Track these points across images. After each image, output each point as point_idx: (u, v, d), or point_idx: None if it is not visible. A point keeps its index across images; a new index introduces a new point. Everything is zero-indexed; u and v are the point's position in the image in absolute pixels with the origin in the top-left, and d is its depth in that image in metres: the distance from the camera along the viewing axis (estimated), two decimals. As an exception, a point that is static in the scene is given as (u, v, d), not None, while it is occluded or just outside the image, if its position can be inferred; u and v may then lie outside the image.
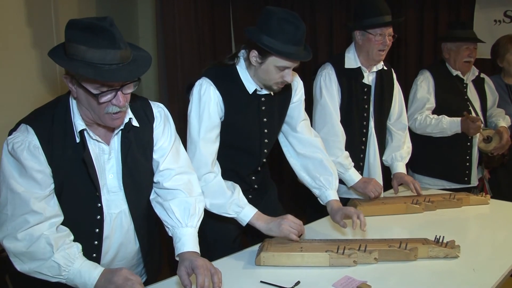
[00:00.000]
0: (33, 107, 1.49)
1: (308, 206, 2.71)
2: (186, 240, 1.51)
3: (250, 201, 2.08)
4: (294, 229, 1.79)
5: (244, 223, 1.84)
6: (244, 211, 1.84)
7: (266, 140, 2.01)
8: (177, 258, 1.51)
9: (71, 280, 1.35)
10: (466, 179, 2.81)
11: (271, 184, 2.28)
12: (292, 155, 2.15)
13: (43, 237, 1.33)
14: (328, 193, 2.04)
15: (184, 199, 1.58)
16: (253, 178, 2.08)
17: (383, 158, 2.61)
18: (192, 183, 1.64)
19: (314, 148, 2.10)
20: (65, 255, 1.34)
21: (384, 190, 2.56)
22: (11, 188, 1.35)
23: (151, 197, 1.64)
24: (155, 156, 1.60)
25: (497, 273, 1.61)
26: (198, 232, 1.58)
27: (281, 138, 2.17)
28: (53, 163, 1.39)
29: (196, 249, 1.51)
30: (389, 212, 2.25)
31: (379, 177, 2.50)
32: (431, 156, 2.69)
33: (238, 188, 1.87)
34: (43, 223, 1.35)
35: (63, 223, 1.43)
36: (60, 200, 1.43)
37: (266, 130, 1.99)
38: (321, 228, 2.13)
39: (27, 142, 1.37)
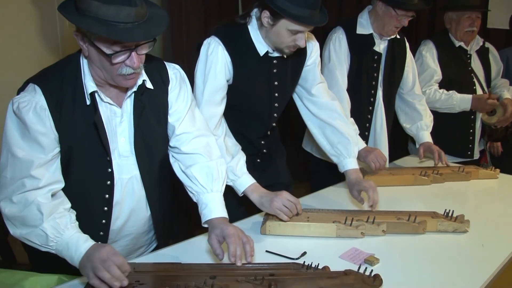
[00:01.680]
0: (31, 67, 1.41)
1: (314, 174, 2.68)
2: (213, 206, 1.46)
3: (259, 165, 2.04)
4: (287, 207, 1.67)
5: (239, 193, 1.77)
6: (240, 180, 1.76)
7: (276, 104, 1.93)
8: (204, 225, 1.47)
9: (59, 251, 1.27)
10: (469, 153, 2.76)
11: (280, 148, 2.21)
12: (309, 118, 2.06)
13: (35, 203, 1.27)
14: (346, 161, 1.97)
15: (205, 164, 1.52)
16: (262, 142, 2.02)
17: (408, 127, 2.55)
18: (211, 145, 1.57)
19: (331, 112, 2.01)
20: (54, 224, 1.27)
21: (390, 161, 2.53)
22: (12, 151, 1.29)
23: (171, 160, 1.58)
24: (170, 120, 1.53)
25: (507, 249, 1.57)
26: None
27: (298, 102, 2.08)
28: (61, 127, 1.32)
29: (224, 214, 1.46)
30: (397, 183, 2.21)
31: (385, 148, 2.45)
32: (434, 130, 2.62)
33: (240, 156, 1.79)
34: (40, 189, 1.29)
35: (72, 188, 1.37)
36: (69, 165, 1.37)
37: (276, 94, 1.91)
38: (327, 197, 2.09)
39: (34, 102, 1.29)
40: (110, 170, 1.42)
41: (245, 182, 1.76)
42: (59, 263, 1.31)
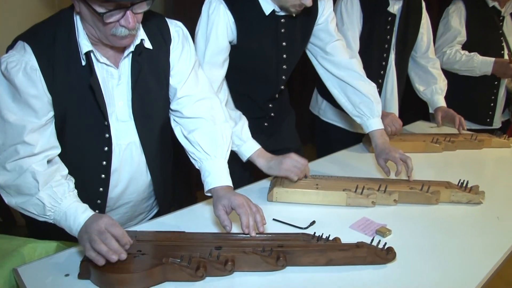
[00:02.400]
0: (25, 23, 1.28)
1: (319, 137, 2.59)
2: (217, 173, 1.37)
3: (266, 129, 1.95)
4: (297, 169, 1.62)
5: (244, 159, 1.68)
6: (245, 145, 1.67)
7: (284, 66, 1.82)
8: (207, 194, 1.38)
9: (57, 221, 1.19)
10: (488, 120, 2.65)
11: (289, 111, 2.11)
12: (328, 78, 1.94)
13: (30, 171, 1.17)
14: (370, 122, 1.87)
15: (208, 128, 1.42)
16: (270, 105, 1.92)
17: (421, 90, 2.44)
18: (215, 109, 1.47)
19: (350, 72, 1.88)
20: (51, 193, 1.18)
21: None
22: (3, 115, 1.18)
23: (173, 124, 1.48)
24: (172, 81, 1.42)
25: (523, 222, 1.51)
26: None
27: (313, 60, 1.95)
28: (54, 89, 1.22)
29: (229, 183, 1.37)
30: (407, 150, 2.10)
31: (395, 113, 2.35)
32: (453, 93, 2.50)
33: (243, 121, 1.69)
34: (35, 156, 1.20)
35: (66, 155, 1.28)
36: (63, 130, 1.27)
37: (285, 56, 1.79)
38: (335, 162, 2.00)
39: (24, 62, 1.17)
40: (107, 135, 1.32)
41: (251, 147, 1.67)
42: (58, 229, 1.23)
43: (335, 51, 1.88)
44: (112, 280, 1.08)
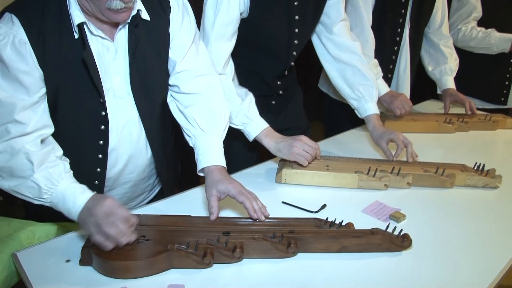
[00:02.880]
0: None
1: (328, 116, 2.51)
2: (212, 152, 1.30)
3: (274, 107, 1.86)
4: (308, 153, 1.54)
5: (250, 138, 1.60)
6: (252, 123, 1.57)
7: (296, 41, 1.72)
8: (200, 174, 1.31)
9: (54, 204, 1.12)
10: (502, 99, 2.55)
11: (297, 89, 2.02)
12: (327, 59, 1.85)
13: (23, 151, 1.10)
14: (368, 106, 1.79)
15: (206, 105, 1.34)
16: (278, 83, 1.83)
17: (430, 70, 2.34)
18: (214, 86, 1.39)
19: (352, 54, 1.80)
20: (47, 175, 1.10)
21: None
22: None
23: (168, 99, 1.40)
24: (171, 54, 1.33)
25: (541, 208, 1.45)
26: None
27: (315, 40, 1.86)
28: (46, 64, 1.13)
29: (223, 163, 1.30)
30: (419, 130, 2.05)
31: (407, 92, 2.25)
32: (466, 71, 2.40)
33: (250, 97, 1.60)
34: (28, 135, 1.12)
35: (60, 135, 1.21)
36: (56, 108, 1.19)
37: (296, 30, 1.70)
38: (344, 142, 1.93)
39: (12, 35, 1.09)
40: (104, 113, 1.24)
41: (258, 126, 1.59)
42: (57, 212, 1.18)
43: (340, 32, 1.79)
44: (115, 267, 1.03)
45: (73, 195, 1.10)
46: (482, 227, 1.31)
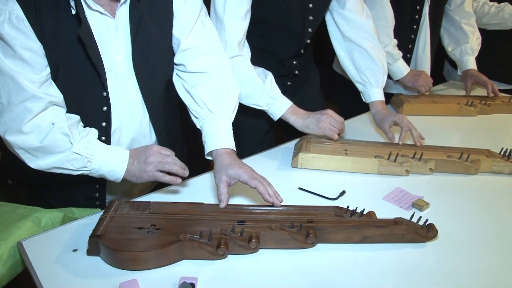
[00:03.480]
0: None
1: (342, 97, 2.42)
2: (221, 134, 1.22)
3: (289, 88, 1.78)
4: (335, 127, 1.51)
5: (276, 117, 1.54)
6: (277, 102, 1.52)
7: (310, 17, 1.62)
8: (208, 157, 1.24)
9: (96, 170, 1.13)
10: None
11: (313, 69, 1.93)
12: (337, 37, 1.75)
13: (57, 127, 1.07)
14: (373, 91, 1.70)
15: (214, 84, 1.26)
16: (294, 62, 1.74)
17: (450, 51, 2.23)
18: (223, 65, 1.30)
19: (363, 33, 1.69)
20: (85, 143, 1.10)
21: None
22: (1, 70, 1.03)
23: (174, 79, 1.32)
24: (175, 31, 1.24)
25: None
26: None
27: (327, 15, 1.75)
28: (44, 42, 1.05)
29: (233, 146, 1.22)
30: (440, 112, 1.95)
31: (427, 72, 2.16)
32: (481, 51, 2.28)
33: (270, 76, 1.53)
34: (48, 109, 1.07)
35: None
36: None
37: (311, 5, 1.59)
38: (361, 125, 1.84)
39: (7, 12, 1.00)
40: (105, 94, 1.16)
41: (283, 104, 1.53)
42: (61, 197, 1.12)
43: (353, 7, 1.68)
44: (123, 258, 0.96)
45: (115, 155, 1.14)
46: (510, 216, 1.23)
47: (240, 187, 1.23)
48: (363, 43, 1.70)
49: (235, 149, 1.23)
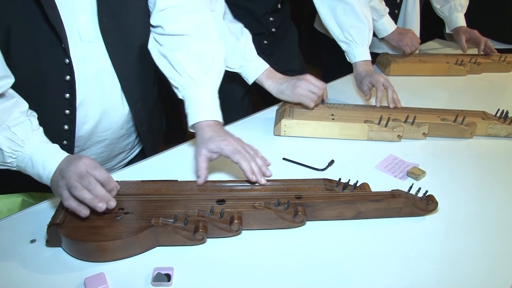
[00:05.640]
0: None
1: (325, 58, 2.27)
2: (203, 104, 1.07)
3: (266, 47, 1.63)
4: (314, 94, 1.35)
5: (250, 81, 1.39)
6: (251, 65, 1.37)
7: None
8: (191, 130, 1.09)
9: (22, 169, 0.90)
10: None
11: (291, 27, 1.77)
12: None
13: None
14: (358, 50, 1.55)
15: (196, 48, 1.09)
16: (270, 19, 1.58)
17: (437, 7, 2.08)
18: (206, 25, 1.13)
19: None
20: (9, 135, 0.87)
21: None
22: None
23: (150, 45, 1.14)
24: None
25: None
26: None
27: None
28: None
29: (219, 117, 1.08)
30: (428, 73, 1.83)
31: (416, 30, 2.01)
32: (476, 8, 2.14)
33: (246, 34, 1.38)
34: None
35: (18, 88, 0.94)
36: (9, 55, 0.93)
37: None
38: (346, 88, 1.70)
39: None
40: (67, 61, 0.98)
41: (258, 67, 1.38)
42: (19, 180, 0.96)
43: None
44: (88, 249, 0.83)
45: (42, 158, 0.87)
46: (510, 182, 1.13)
47: (221, 162, 1.09)
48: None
49: (220, 120, 1.08)
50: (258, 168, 1.00)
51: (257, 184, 1.00)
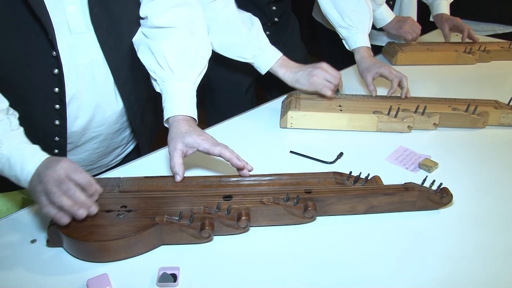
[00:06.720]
0: None
1: (323, 48, 2.22)
2: (180, 99, 1.01)
3: (269, 38, 1.57)
4: (330, 83, 1.33)
5: (263, 71, 1.35)
6: (264, 54, 1.33)
7: None
8: (165, 125, 1.03)
9: (0, 171, 0.85)
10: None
11: (292, 17, 1.73)
12: None
13: None
14: (359, 36, 1.50)
15: (182, 41, 1.04)
16: (273, 8, 1.53)
17: None
18: (195, 20, 1.08)
19: None
20: None
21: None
22: None
23: (134, 38, 1.09)
24: None
25: None
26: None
27: None
28: None
29: (194, 114, 1.02)
30: (436, 62, 1.78)
31: (413, 18, 1.96)
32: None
33: (257, 23, 1.34)
34: None
35: (4, 83, 0.91)
36: None
37: None
38: (350, 79, 1.65)
39: None
40: (54, 54, 0.93)
41: (272, 56, 1.34)
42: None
43: None
44: (91, 249, 0.79)
45: (20, 159, 0.82)
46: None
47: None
48: None
49: (196, 118, 1.03)
50: (242, 162, 0.95)
51: (264, 178, 0.96)
